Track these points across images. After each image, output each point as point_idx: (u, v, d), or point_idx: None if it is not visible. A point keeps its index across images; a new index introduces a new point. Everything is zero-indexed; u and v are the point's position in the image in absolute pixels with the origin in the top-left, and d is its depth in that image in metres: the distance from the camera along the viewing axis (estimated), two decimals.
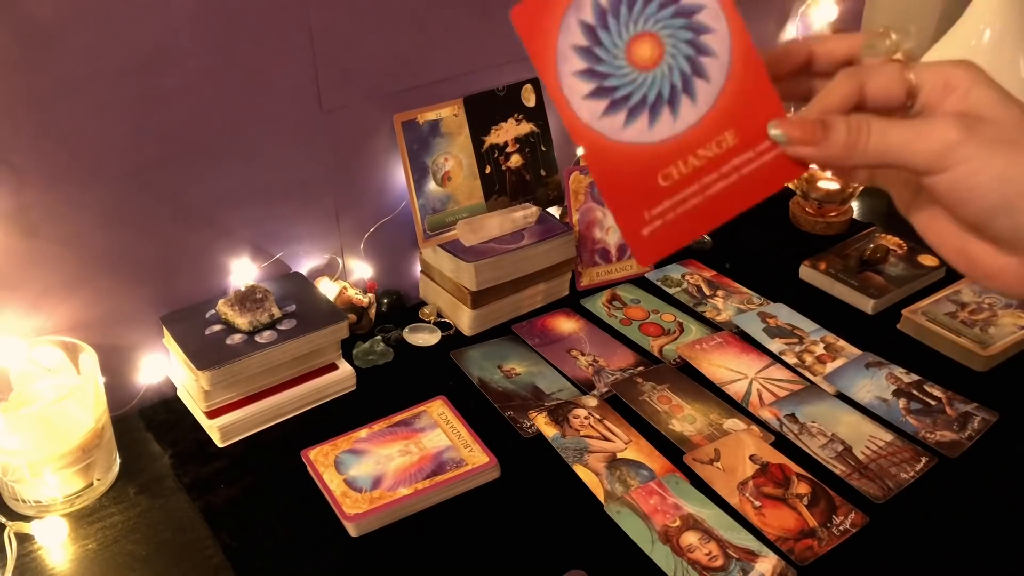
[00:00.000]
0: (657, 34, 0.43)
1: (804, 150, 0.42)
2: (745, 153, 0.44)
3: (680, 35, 0.43)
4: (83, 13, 0.76)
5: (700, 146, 0.43)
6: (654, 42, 0.43)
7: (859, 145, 0.41)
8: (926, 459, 0.82)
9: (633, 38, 0.43)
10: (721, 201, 0.44)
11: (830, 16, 1.35)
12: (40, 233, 0.81)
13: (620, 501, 0.78)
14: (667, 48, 0.43)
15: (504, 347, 1.00)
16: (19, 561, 0.74)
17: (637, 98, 0.43)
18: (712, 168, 0.43)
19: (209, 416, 0.86)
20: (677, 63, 0.43)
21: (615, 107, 0.43)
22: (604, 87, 0.43)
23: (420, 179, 1.03)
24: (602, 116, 0.43)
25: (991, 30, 1.25)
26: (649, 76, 0.43)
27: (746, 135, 0.44)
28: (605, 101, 0.43)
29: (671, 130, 0.43)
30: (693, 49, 0.43)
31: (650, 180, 0.43)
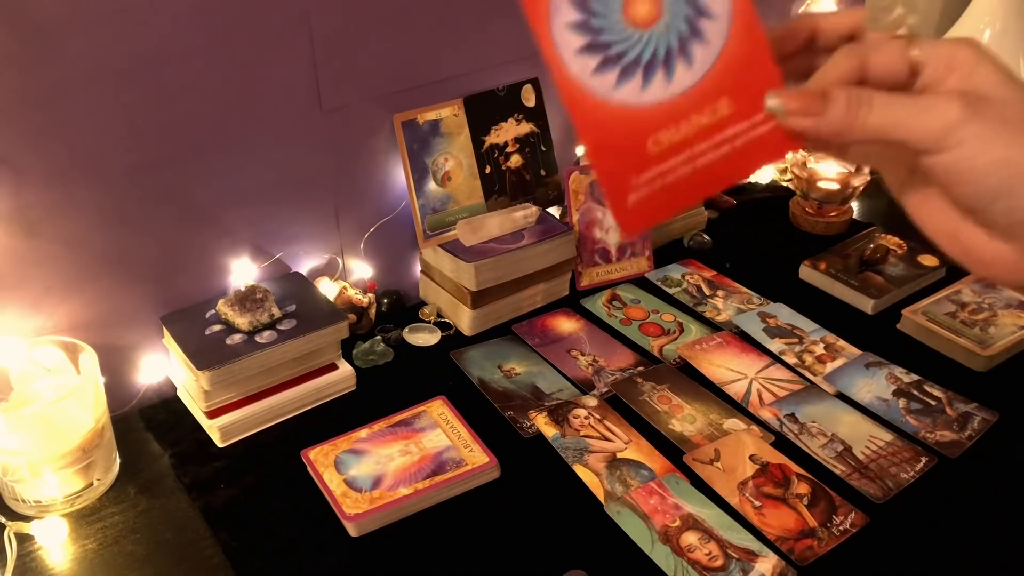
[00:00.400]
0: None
1: (802, 122, 0.41)
2: (740, 124, 0.42)
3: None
4: (83, 13, 0.76)
5: (694, 112, 0.42)
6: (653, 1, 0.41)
7: (859, 119, 0.39)
8: (926, 459, 0.82)
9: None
10: (711, 172, 0.42)
11: None
12: (40, 233, 0.81)
13: (620, 501, 0.78)
14: (666, 6, 0.41)
15: (504, 347, 1.00)
16: (19, 561, 0.74)
17: (631, 57, 0.41)
18: (704, 137, 0.42)
19: (209, 416, 0.86)
20: (675, 23, 0.41)
21: (608, 64, 0.41)
22: (598, 42, 0.41)
23: (420, 179, 1.03)
24: (594, 73, 0.41)
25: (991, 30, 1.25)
26: (645, 34, 0.41)
27: (742, 105, 0.42)
28: (598, 57, 0.41)
29: (665, 93, 0.41)
30: (692, 9, 0.41)
31: (640, 144, 0.41)
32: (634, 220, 0.42)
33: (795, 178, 1.25)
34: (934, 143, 0.39)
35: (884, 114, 0.39)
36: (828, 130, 0.40)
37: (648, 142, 0.41)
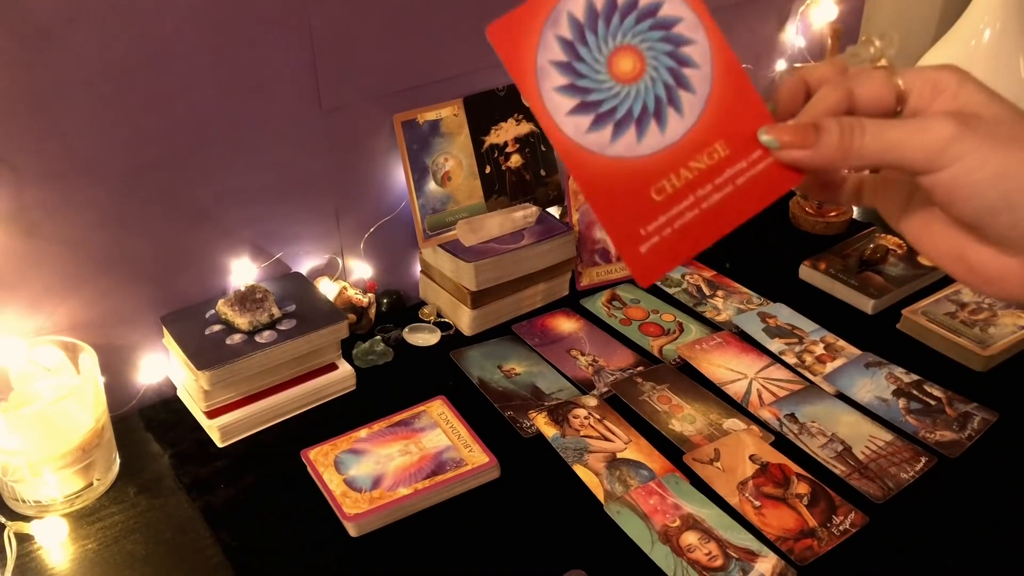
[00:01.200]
0: (637, 47, 0.43)
1: (797, 154, 0.41)
2: (738, 163, 0.43)
3: (660, 47, 0.43)
4: (83, 13, 0.76)
5: (691, 158, 0.43)
6: (635, 55, 0.42)
7: (854, 145, 0.40)
8: (926, 459, 0.82)
9: (613, 52, 0.42)
10: (719, 213, 0.43)
11: (830, 16, 1.35)
12: (40, 233, 0.81)
13: (620, 501, 0.78)
14: (648, 61, 0.43)
15: (504, 347, 1.00)
16: (19, 561, 0.74)
17: (622, 112, 0.42)
18: (706, 180, 0.43)
19: (209, 416, 0.86)
20: (660, 75, 0.43)
21: (600, 122, 0.42)
22: (587, 102, 0.42)
23: (420, 179, 1.03)
24: (588, 131, 0.42)
25: (991, 30, 1.25)
26: (632, 89, 0.43)
27: (737, 145, 0.43)
28: (590, 116, 0.42)
29: (660, 143, 0.43)
30: (674, 61, 0.43)
31: (643, 195, 0.42)
32: (648, 269, 0.42)
33: None
34: (931, 162, 0.39)
35: (878, 138, 0.40)
36: (824, 159, 0.41)
37: (651, 191, 0.42)
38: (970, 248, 0.42)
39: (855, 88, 0.42)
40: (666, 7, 0.43)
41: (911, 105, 0.42)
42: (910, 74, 0.42)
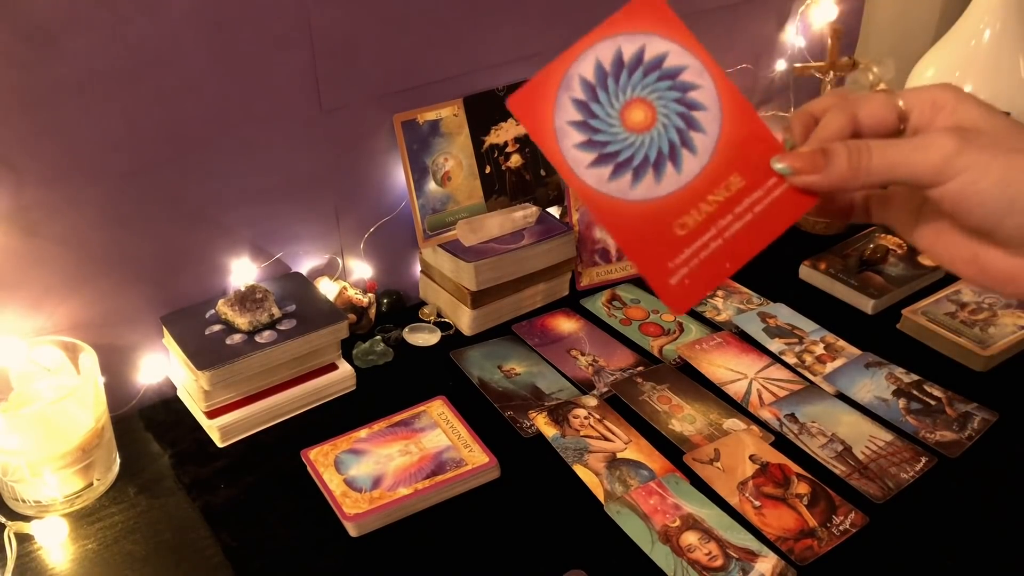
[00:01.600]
0: (647, 98, 0.46)
1: (810, 178, 0.44)
2: (755, 192, 0.45)
3: (668, 95, 0.46)
4: (83, 13, 0.76)
5: (709, 192, 0.45)
6: (645, 106, 0.46)
7: (862, 165, 0.42)
8: (926, 459, 0.82)
9: (624, 105, 0.46)
10: (742, 240, 0.45)
11: (830, 16, 1.35)
12: (40, 233, 0.81)
13: (620, 501, 0.78)
14: (658, 109, 0.46)
15: (504, 347, 1.00)
16: (19, 561, 0.74)
17: (639, 159, 0.45)
18: (726, 211, 0.45)
19: (209, 416, 0.86)
20: (671, 121, 0.46)
21: (620, 170, 0.45)
22: (605, 154, 0.45)
23: (420, 179, 1.03)
24: (609, 180, 0.45)
25: (991, 30, 1.25)
26: (646, 137, 0.45)
27: (752, 175, 0.45)
28: (609, 166, 0.45)
29: (678, 182, 0.45)
30: (683, 106, 0.46)
31: (667, 231, 0.45)
32: (680, 299, 0.45)
33: None
34: (937, 175, 0.41)
35: (884, 157, 0.42)
36: (836, 181, 0.43)
37: (674, 228, 0.45)
38: (981, 252, 0.44)
39: (858, 111, 0.44)
40: (671, 58, 0.46)
41: (912, 123, 0.44)
42: (909, 94, 0.44)
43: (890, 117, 0.44)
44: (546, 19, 1.07)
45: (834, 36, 1.30)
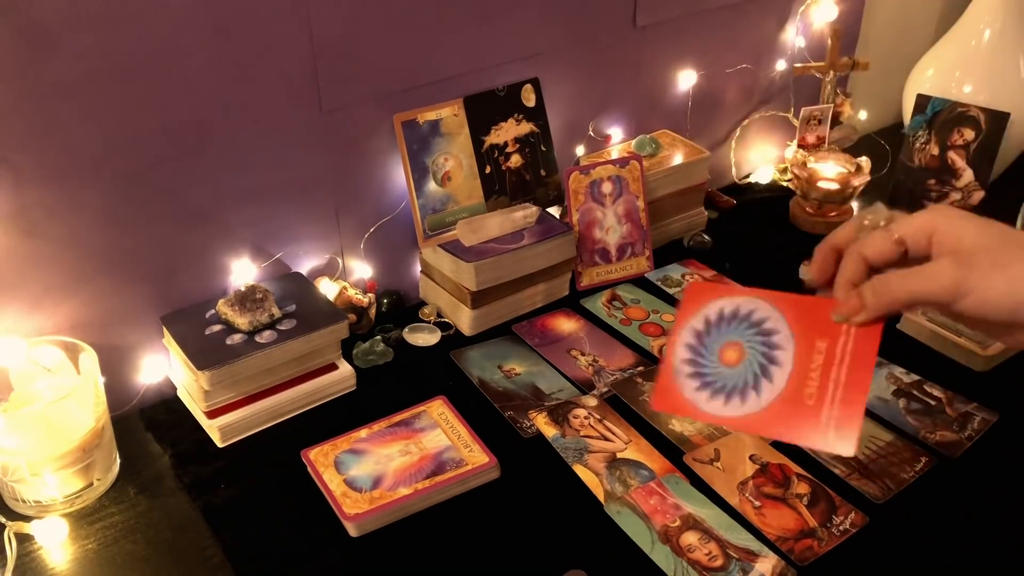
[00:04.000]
0: (742, 344, 0.56)
1: (859, 317, 0.53)
2: (839, 341, 0.54)
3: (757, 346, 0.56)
4: (83, 13, 0.76)
5: (809, 364, 0.54)
6: (738, 349, 0.56)
7: (886, 297, 0.51)
8: (926, 459, 0.82)
9: (724, 345, 0.57)
10: (853, 374, 0.53)
11: (830, 16, 1.35)
12: (40, 233, 0.81)
13: (620, 501, 0.78)
14: (746, 350, 0.56)
15: (504, 347, 1.00)
16: (19, 561, 0.74)
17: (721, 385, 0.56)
18: (829, 366, 0.54)
19: (209, 416, 0.86)
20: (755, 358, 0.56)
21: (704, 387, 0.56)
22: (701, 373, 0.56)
23: (420, 179, 1.03)
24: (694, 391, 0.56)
25: (991, 30, 1.25)
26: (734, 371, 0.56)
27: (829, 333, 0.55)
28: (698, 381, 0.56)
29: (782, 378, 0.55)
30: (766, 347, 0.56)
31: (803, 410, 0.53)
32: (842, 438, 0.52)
33: (795, 178, 1.25)
34: (950, 297, 0.49)
35: (904, 288, 0.51)
36: (876, 313, 0.52)
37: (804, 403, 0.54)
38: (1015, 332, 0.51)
39: (865, 252, 0.53)
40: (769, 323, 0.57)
41: (911, 250, 0.52)
42: (903, 226, 0.52)
43: (892, 250, 0.52)
44: (546, 19, 1.07)
45: (834, 36, 1.30)
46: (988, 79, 1.25)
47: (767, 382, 0.55)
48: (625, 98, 1.22)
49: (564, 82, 1.13)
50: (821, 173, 1.22)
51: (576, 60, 1.13)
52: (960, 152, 1.23)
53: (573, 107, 1.16)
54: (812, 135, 1.32)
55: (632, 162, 1.12)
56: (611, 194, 1.11)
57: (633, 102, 1.23)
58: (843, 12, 1.36)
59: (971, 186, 1.23)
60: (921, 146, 1.26)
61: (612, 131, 1.22)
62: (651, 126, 1.26)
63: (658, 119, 1.26)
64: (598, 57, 1.15)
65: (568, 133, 1.17)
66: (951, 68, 1.29)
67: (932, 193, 1.26)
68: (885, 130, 1.51)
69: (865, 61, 1.32)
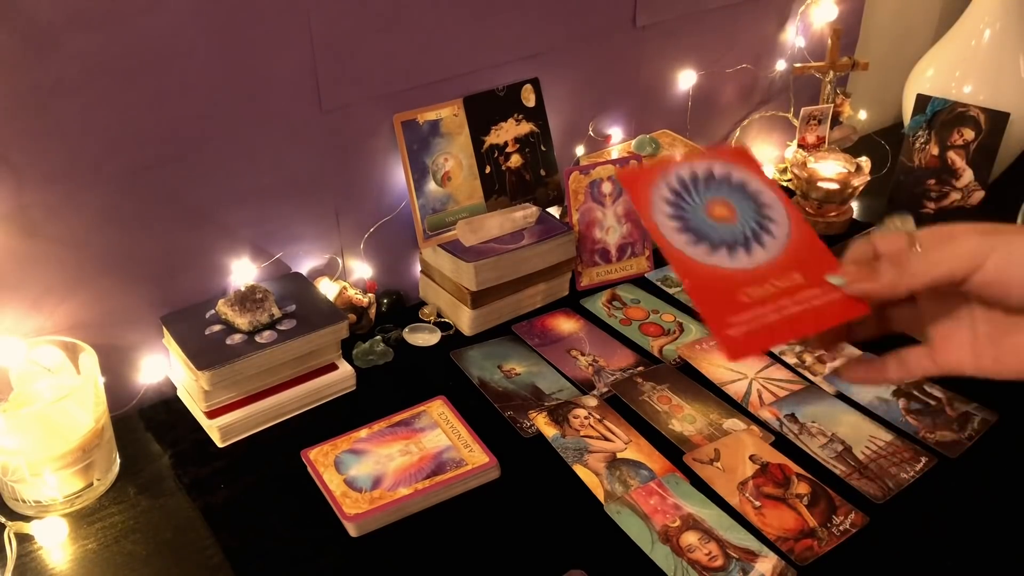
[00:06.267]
0: (729, 201, 0.55)
1: (862, 285, 0.50)
2: (813, 290, 0.52)
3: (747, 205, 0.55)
4: (83, 13, 0.76)
5: (772, 278, 0.52)
6: (727, 206, 0.55)
7: (905, 269, 0.49)
8: (926, 459, 0.82)
9: (710, 200, 0.55)
10: (797, 320, 0.51)
11: (830, 16, 1.35)
12: (40, 233, 0.81)
13: (620, 501, 0.78)
14: (738, 212, 0.55)
15: (504, 347, 1.00)
16: (19, 561, 0.74)
17: (715, 240, 0.53)
18: (786, 295, 0.51)
19: (209, 416, 0.86)
20: (747, 223, 0.54)
21: (699, 241, 0.53)
22: (689, 226, 0.54)
23: (420, 179, 1.03)
24: (688, 245, 0.53)
25: (991, 30, 1.25)
26: (727, 227, 0.54)
27: (811, 278, 0.52)
28: (691, 235, 0.54)
29: (748, 263, 0.53)
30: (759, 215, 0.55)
31: (733, 294, 0.51)
32: (735, 348, 0.50)
33: (795, 178, 1.25)
34: (971, 262, 0.47)
35: (922, 259, 0.49)
36: (886, 285, 0.50)
37: (739, 294, 0.52)
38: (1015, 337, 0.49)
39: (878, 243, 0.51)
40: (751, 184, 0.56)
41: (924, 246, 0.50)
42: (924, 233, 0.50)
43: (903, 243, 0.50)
44: (546, 19, 1.07)
45: (834, 36, 1.30)
46: (988, 79, 1.25)
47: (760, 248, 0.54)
48: (625, 98, 1.22)
49: (564, 82, 1.13)
50: (821, 173, 1.22)
51: (576, 60, 1.13)
52: (960, 152, 1.24)
53: (573, 107, 1.16)
54: (812, 135, 1.32)
55: (632, 162, 1.12)
56: (611, 194, 1.11)
57: (633, 102, 1.23)
58: (843, 12, 1.36)
59: (971, 186, 1.23)
60: (921, 146, 1.26)
61: (612, 131, 1.22)
62: (651, 126, 1.26)
63: (658, 119, 1.26)
64: (598, 57, 1.15)
65: (568, 133, 1.17)
66: (951, 68, 1.29)
67: (932, 193, 1.26)
68: (885, 130, 1.51)
69: (865, 61, 1.32)
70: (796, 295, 0.51)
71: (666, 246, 0.53)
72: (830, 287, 0.51)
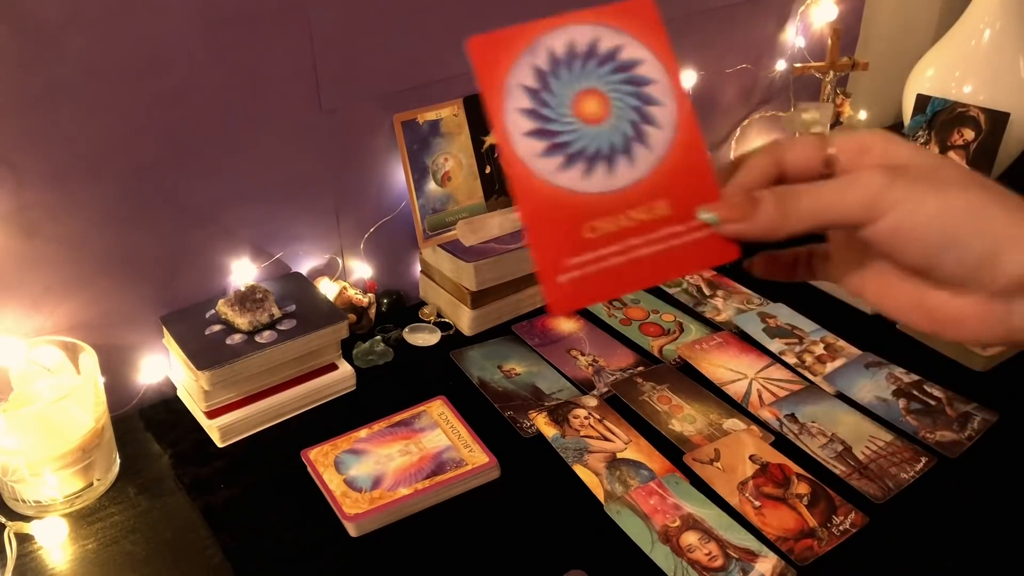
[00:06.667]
0: (605, 93, 0.44)
1: (737, 226, 0.42)
2: (676, 226, 0.44)
3: (628, 100, 0.44)
4: (83, 13, 0.76)
5: (632, 207, 0.43)
6: (601, 100, 0.44)
7: (791, 210, 0.41)
8: (926, 459, 0.82)
9: (581, 92, 0.44)
10: (644, 266, 0.43)
11: (830, 16, 1.35)
12: (40, 233, 0.81)
13: (620, 501, 0.78)
14: (613, 109, 0.44)
15: (504, 347, 1.00)
16: (19, 561, 0.74)
17: (576, 147, 0.43)
18: (641, 232, 0.43)
19: (209, 416, 0.86)
20: (621, 125, 0.44)
21: (554, 151, 0.43)
22: (546, 130, 0.43)
23: (420, 179, 1.03)
24: (540, 156, 0.43)
25: (991, 30, 1.25)
26: (592, 130, 0.44)
27: (679, 210, 0.44)
28: (545, 143, 0.43)
29: (605, 185, 0.43)
30: (638, 116, 0.44)
31: (576, 228, 0.43)
32: (563, 300, 0.42)
33: None
34: (868, 212, 0.40)
35: (814, 199, 0.41)
36: (764, 228, 0.42)
37: (584, 228, 0.43)
38: (926, 296, 0.42)
39: (784, 154, 0.43)
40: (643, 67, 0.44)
41: (839, 167, 0.43)
42: (839, 138, 0.43)
43: (817, 161, 0.43)
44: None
45: (834, 36, 1.30)
46: (988, 79, 1.25)
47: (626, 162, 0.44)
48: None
49: None
50: None
51: None
52: (960, 152, 1.23)
53: None
54: None
55: None
56: None
57: None
58: (843, 12, 1.36)
59: None
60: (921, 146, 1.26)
61: None
62: None
63: None
64: None
65: None
66: (951, 68, 1.29)
67: None
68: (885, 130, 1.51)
69: (865, 61, 1.32)
70: (653, 231, 0.43)
71: (509, 155, 0.43)
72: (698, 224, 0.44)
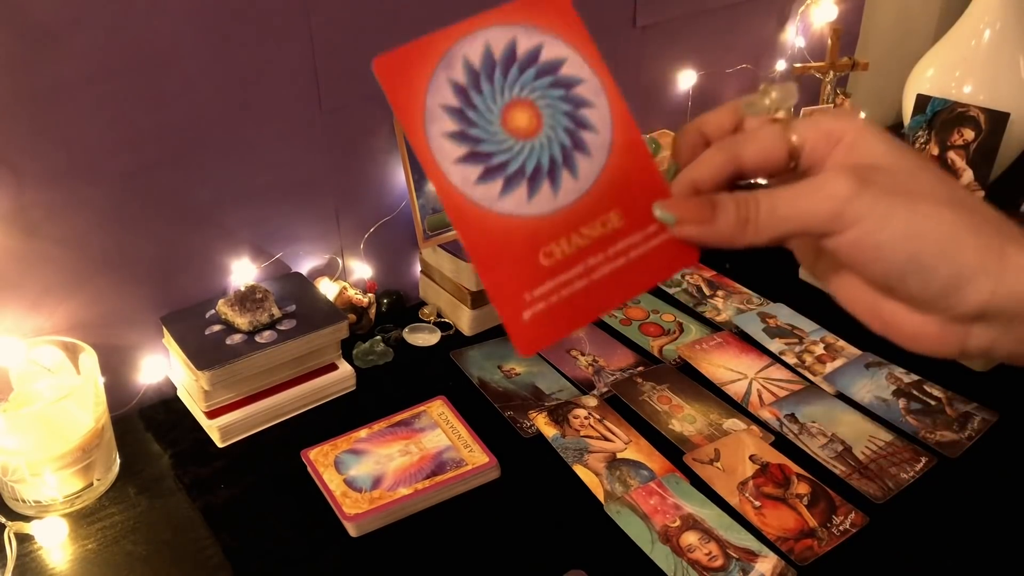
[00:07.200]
0: (535, 103, 0.41)
1: (693, 230, 0.39)
2: (632, 236, 0.41)
3: (558, 106, 0.41)
4: (83, 13, 0.76)
5: (584, 224, 0.40)
6: (531, 111, 0.41)
7: (750, 220, 0.38)
8: (926, 459, 0.82)
9: (509, 104, 0.40)
10: (608, 285, 0.40)
11: (830, 16, 1.35)
12: (40, 233, 0.81)
13: (620, 501, 0.78)
14: (545, 119, 0.41)
15: (504, 347, 1.00)
16: (19, 561, 0.74)
17: (515, 167, 0.40)
18: (598, 249, 0.40)
19: (209, 416, 0.86)
20: (556, 135, 0.41)
21: (490, 174, 0.40)
22: (478, 152, 0.40)
23: (420, 179, 1.02)
24: (477, 183, 0.39)
25: (991, 30, 1.25)
26: (527, 145, 0.40)
27: (632, 217, 0.41)
28: (480, 167, 0.39)
29: (552, 204, 0.40)
30: (572, 122, 0.41)
31: (530, 257, 0.39)
32: (530, 338, 0.40)
33: None
34: (831, 224, 0.36)
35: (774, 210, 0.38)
36: (721, 236, 0.39)
37: (539, 255, 0.40)
38: (884, 305, 0.40)
39: (743, 150, 0.40)
40: (568, 66, 0.41)
41: (805, 159, 0.40)
42: (804, 126, 0.39)
43: (780, 153, 0.39)
44: None
45: (834, 36, 1.30)
46: (988, 79, 1.25)
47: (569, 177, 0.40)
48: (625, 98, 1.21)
49: None
50: None
51: None
52: (960, 152, 1.24)
53: None
54: None
55: None
56: None
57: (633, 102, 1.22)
58: (843, 12, 1.36)
59: (971, 186, 1.23)
60: (921, 146, 1.26)
61: None
62: (651, 126, 1.26)
63: (658, 119, 1.26)
64: None
65: None
66: (951, 68, 1.29)
67: None
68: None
69: (865, 61, 1.32)
70: (610, 246, 0.40)
71: (443, 187, 0.39)
72: (653, 230, 0.41)
